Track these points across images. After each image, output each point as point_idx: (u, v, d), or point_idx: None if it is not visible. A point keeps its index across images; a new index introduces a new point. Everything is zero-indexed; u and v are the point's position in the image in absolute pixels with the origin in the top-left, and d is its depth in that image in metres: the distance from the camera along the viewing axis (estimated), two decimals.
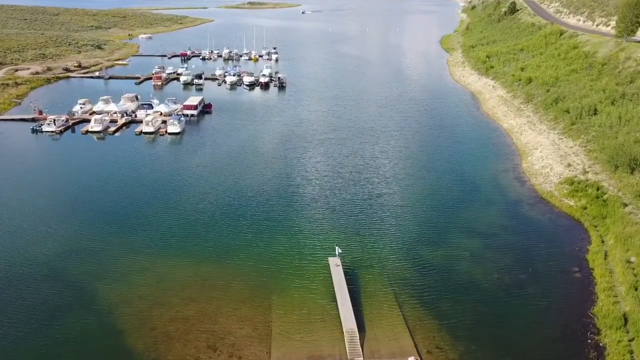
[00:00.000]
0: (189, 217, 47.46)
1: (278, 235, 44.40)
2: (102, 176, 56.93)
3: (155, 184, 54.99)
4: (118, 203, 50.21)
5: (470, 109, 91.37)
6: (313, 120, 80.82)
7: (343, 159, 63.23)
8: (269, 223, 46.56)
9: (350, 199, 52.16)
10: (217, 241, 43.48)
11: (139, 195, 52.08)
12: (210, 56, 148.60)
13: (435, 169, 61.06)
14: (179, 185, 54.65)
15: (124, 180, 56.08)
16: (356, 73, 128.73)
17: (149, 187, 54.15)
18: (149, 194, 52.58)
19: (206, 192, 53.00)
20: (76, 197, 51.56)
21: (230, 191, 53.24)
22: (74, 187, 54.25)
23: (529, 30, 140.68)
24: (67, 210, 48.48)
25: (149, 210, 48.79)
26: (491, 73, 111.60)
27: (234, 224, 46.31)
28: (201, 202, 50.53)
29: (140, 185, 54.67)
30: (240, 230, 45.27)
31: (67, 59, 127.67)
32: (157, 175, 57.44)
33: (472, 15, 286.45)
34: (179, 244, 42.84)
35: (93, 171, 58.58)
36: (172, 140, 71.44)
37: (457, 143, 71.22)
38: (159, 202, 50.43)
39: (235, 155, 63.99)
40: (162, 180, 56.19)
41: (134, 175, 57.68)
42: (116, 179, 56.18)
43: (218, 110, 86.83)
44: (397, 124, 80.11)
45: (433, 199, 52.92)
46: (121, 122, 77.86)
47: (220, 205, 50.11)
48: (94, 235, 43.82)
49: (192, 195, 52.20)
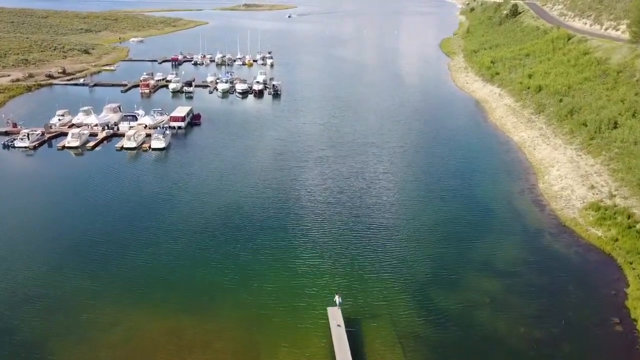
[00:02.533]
0: (165, 256, 41.36)
1: (268, 280, 38.40)
2: (70, 203, 50.69)
3: (130, 212, 48.88)
4: (84, 236, 44.04)
5: (477, 120, 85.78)
6: (309, 135, 74.82)
7: (342, 182, 57.06)
8: (258, 265, 40.40)
9: (351, 232, 46.06)
10: (197, 287, 37.50)
11: (109, 226, 45.98)
12: (202, 61, 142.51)
13: (444, 192, 55.31)
14: (156, 215, 48.39)
15: (95, 206, 49.89)
16: (354, 79, 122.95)
17: (122, 216, 48.02)
18: (120, 224, 46.45)
19: (187, 224, 46.76)
20: (35, 227, 45.51)
21: (215, 224, 46.90)
22: (33, 214, 48.15)
23: (534, 34, 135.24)
24: (20, 244, 42.44)
25: (117, 245, 42.69)
26: (497, 80, 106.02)
27: (218, 266, 40.24)
28: (180, 237, 44.43)
29: (111, 212, 48.53)
30: (224, 274, 39.20)
31: (51, 65, 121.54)
32: (133, 202, 51.26)
33: (471, 18, 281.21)
34: (151, 291, 36.86)
35: (60, 197, 52.35)
36: (156, 157, 65.46)
37: (466, 160, 65.46)
38: (131, 236, 44.33)
39: (222, 178, 57.82)
40: (138, 207, 50.06)
41: (107, 200, 51.48)
42: (86, 206, 49.96)
43: (208, 122, 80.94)
44: (400, 138, 74.26)
45: (443, 229, 47.16)
46: (101, 135, 71.88)
47: (202, 241, 43.88)
48: (51, 278, 37.82)
49: (170, 227, 46.00)
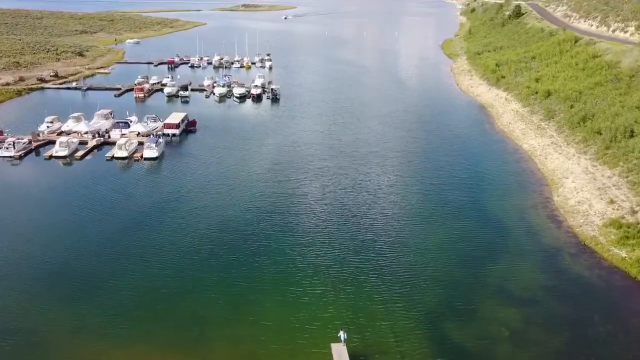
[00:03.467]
0: (152, 282, 37.88)
1: (265, 311, 34.91)
2: (51, 221, 47.14)
3: (115, 231, 45.18)
4: (63, 260, 40.49)
5: (483, 126, 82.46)
6: (309, 143, 71.34)
7: (345, 196, 53.48)
8: (254, 294, 36.84)
9: (355, 255, 42.46)
10: (187, 319, 34.03)
11: (91, 248, 42.30)
12: (199, 63, 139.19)
13: (453, 207, 51.92)
14: (144, 235, 44.70)
15: (77, 225, 46.24)
16: (355, 82, 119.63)
17: (106, 236, 44.31)
18: (104, 245, 42.79)
19: (177, 245, 43.13)
20: (11, 247, 41.98)
21: (207, 245, 43.30)
22: (9, 233, 44.61)
23: (539, 36, 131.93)
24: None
25: (100, 270, 39.09)
26: (502, 83, 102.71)
27: (210, 294, 36.71)
28: (169, 260, 40.84)
29: (95, 232, 44.86)
30: (217, 304, 35.69)
31: (43, 68, 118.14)
32: (119, 219, 47.57)
33: (472, 19, 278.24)
34: (136, 323, 33.38)
35: (40, 213, 48.73)
36: (148, 168, 62.04)
37: (475, 171, 62.10)
38: (114, 260, 40.67)
39: (217, 193, 54.19)
40: (124, 226, 46.39)
41: (91, 217, 47.74)
42: (67, 225, 46.31)
43: (204, 129, 77.54)
44: (405, 146, 70.83)
45: (454, 249, 43.79)
46: (91, 144, 68.43)
47: (193, 265, 40.32)
48: (25, 308, 34.35)
49: (158, 249, 42.38)
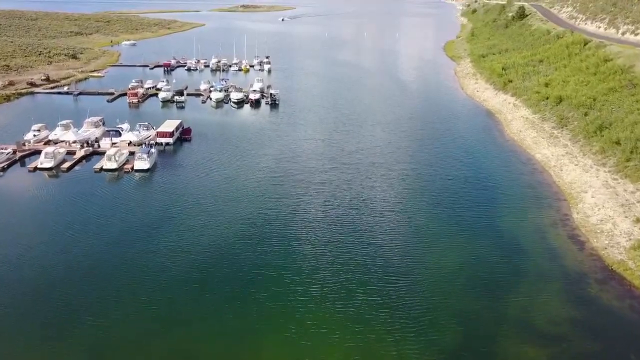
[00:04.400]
0: (134, 315, 34.15)
1: (262, 352, 31.12)
2: (28, 241, 43.35)
3: (98, 255, 41.36)
4: (35, 289, 36.75)
5: (492, 134, 78.74)
6: (310, 153, 67.47)
7: (349, 215, 49.35)
8: (248, 333, 32.94)
9: (362, 286, 38.35)
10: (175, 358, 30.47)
11: (68, 275, 38.45)
12: (196, 66, 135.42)
13: (466, 226, 48.14)
14: (129, 259, 40.84)
15: (56, 246, 42.52)
16: (357, 86, 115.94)
17: (87, 260, 40.68)
18: (83, 270, 39.05)
19: (164, 272, 39.23)
20: None
21: (197, 272, 39.48)
22: None
23: (545, 39, 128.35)
24: None
25: (77, 301, 35.31)
26: (510, 88, 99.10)
27: (200, 329, 33.03)
28: (157, 288, 37.17)
29: (75, 255, 41.08)
30: (205, 345, 31.83)
31: (34, 71, 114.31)
32: (103, 240, 43.69)
33: (473, 20, 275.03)
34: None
35: (14, 233, 44.87)
36: (138, 181, 58.27)
37: (487, 185, 58.32)
38: (94, 288, 36.86)
39: (211, 209, 50.23)
40: (108, 248, 42.58)
41: (74, 237, 43.92)
42: (44, 246, 42.55)
43: (199, 137, 73.75)
44: (411, 157, 66.99)
45: (469, 275, 40.05)
46: (79, 154, 64.60)
47: (183, 294, 36.67)
48: None
49: (143, 276, 38.55)
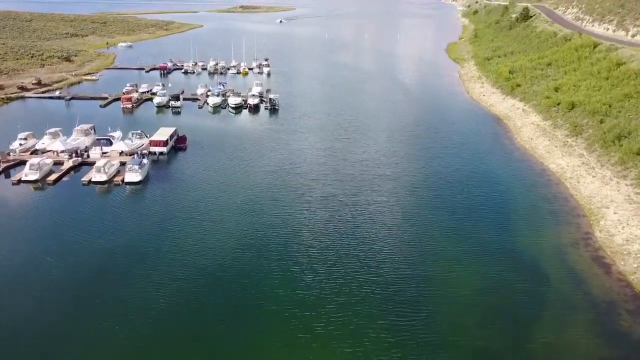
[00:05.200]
0: (121, 344, 30.78)
1: None
2: (8, 262, 39.87)
3: (88, 275, 38.07)
4: (16, 311, 33.38)
5: (502, 141, 75.18)
6: (311, 164, 63.75)
7: (353, 233, 45.53)
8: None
9: (372, 320, 34.99)
10: None
11: (58, 295, 35.26)
12: (193, 69, 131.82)
13: (481, 244, 44.56)
14: (118, 281, 37.59)
15: (41, 268, 39.08)
16: (359, 90, 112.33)
17: (77, 279, 37.27)
18: (74, 292, 35.74)
19: (159, 292, 36.14)
20: None
21: (193, 295, 36.29)
22: None
23: (552, 41, 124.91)
24: None
25: (65, 323, 32.09)
26: (518, 92, 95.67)
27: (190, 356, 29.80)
28: (148, 314, 33.85)
29: (65, 274, 37.74)
30: None
31: (26, 75, 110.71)
32: (93, 260, 40.34)
33: (475, 21, 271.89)
34: None
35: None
36: (129, 194, 54.66)
37: (501, 197, 54.74)
38: (85, 310, 33.63)
39: (205, 227, 46.57)
40: (100, 268, 39.23)
41: (58, 258, 40.45)
42: (29, 266, 39.13)
43: (194, 145, 70.15)
44: (418, 168, 63.22)
45: (488, 304, 36.48)
46: (67, 165, 60.94)
47: (175, 320, 33.37)
48: None
49: (136, 297, 35.32)
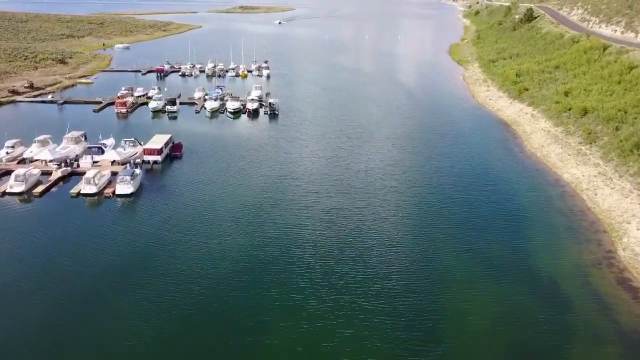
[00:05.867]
0: None
1: None
2: None
3: (74, 298, 35.00)
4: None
5: (511, 148, 72.04)
6: (313, 174, 60.41)
7: (359, 252, 42.08)
8: None
9: (379, 351, 32.28)
10: None
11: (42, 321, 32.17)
12: (191, 72, 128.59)
13: (495, 264, 41.36)
14: (109, 302, 34.59)
15: (22, 290, 35.95)
16: (361, 94, 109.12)
17: (62, 303, 34.18)
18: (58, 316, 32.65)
19: (150, 318, 33.03)
20: None
21: (183, 325, 33.26)
22: None
23: (558, 43, 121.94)
24: None
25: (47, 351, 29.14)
26: (526, 97, 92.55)
27: None
28: (140, 340, 30.72)
29: (48, 298, 34.62)
30: None
31: (18, 78, 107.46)
32: (79, 281, 37.29)
33: (477, 22, 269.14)
34: None
35: None
36: (120, 207, 51.45)
37: (514, 210, 51.49)
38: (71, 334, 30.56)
39: (202, 240, 43.78)
40: (87, 290, 36.14)
41: (41, 280, 37.35)
42: (9, 289, 36.09)
43: (190, 153, 66.96)
44: (426, 179, 59.79)
45: (506, 334, 33.30)
46: (55, 175, 57.71)
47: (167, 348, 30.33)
48: None
49: (126, 322, 32.22)
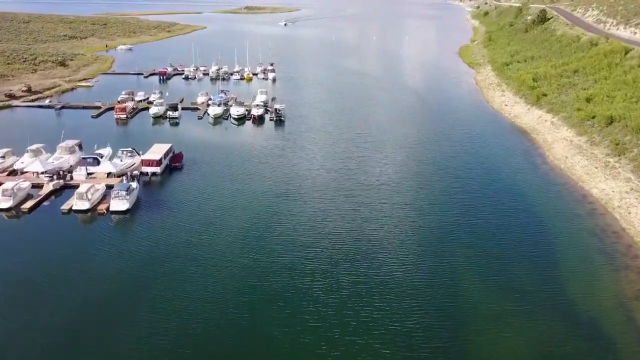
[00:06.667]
0: None
1: None
2: None
3: (54, 334, 31.17)
4: None
5: (533, 159, 67.66)
6: (321, 189, 55.90)
7: (375, 284, 37.74)
8: None
9: None
10: None
11: None
12: (195, 75, 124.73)
13: (529, 302, 37.08)
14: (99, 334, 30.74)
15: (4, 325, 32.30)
16: (370, 99, 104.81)
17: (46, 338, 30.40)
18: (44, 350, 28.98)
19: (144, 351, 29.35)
20: None
21: None
22: None
23: (575, 46, 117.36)
24: None
25: None
26: (544, 103, 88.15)
27: None
28: None
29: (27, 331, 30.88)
30: None
31: (16, 81, 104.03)
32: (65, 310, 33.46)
33: (486, 23, 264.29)
34: None
35: None
36: (115, 225, 47.48)
37: (542, 234, 46.90)
38: None
39: (201, 263, 39.92)
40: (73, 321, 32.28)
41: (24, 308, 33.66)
42: None
43: (191, 164, 63.02)
44: (444, 195, 55.14)
45: None
46: (47, 189, 53.88)
47: None
48: None
49: None
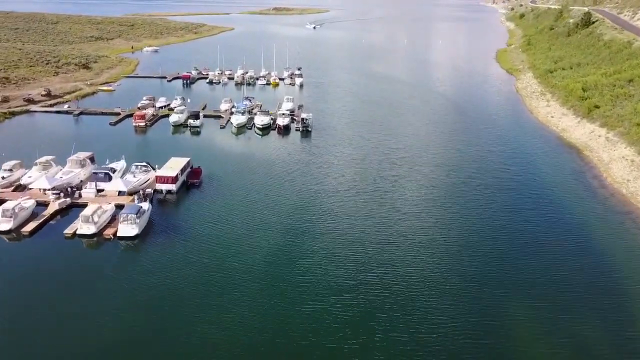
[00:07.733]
0: None
1: None
2: None
3: None
4: None
5: (587, 181, 60.26)
6: (351, 215, 49.45)
7: (414, 324, 32.19)
8: None
9: None
10: None
11: None
12: (219, 79, 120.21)
13: None
14: None
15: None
16: (405, 109, 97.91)
17: None
18: None
19: None
20: None
21: None
22: None
23: (627, 52, 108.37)
24: None
25: None
26: (597, 115, 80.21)
27: None
28: None
29: None
30: None
31: (37, 84, 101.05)
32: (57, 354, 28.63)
33: (522, 26, 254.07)
34: None
35: None
36: (121, 253, 42.45)
37: (606, 280, 40.09)
38: None
39: (214, 304, 34.61)
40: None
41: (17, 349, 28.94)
42: None
43: (210, 180, 57.88)
44: (489, 221, 48.72)
45: None
46: (52, 209, 49.25)
47: None
48: None
49: None
